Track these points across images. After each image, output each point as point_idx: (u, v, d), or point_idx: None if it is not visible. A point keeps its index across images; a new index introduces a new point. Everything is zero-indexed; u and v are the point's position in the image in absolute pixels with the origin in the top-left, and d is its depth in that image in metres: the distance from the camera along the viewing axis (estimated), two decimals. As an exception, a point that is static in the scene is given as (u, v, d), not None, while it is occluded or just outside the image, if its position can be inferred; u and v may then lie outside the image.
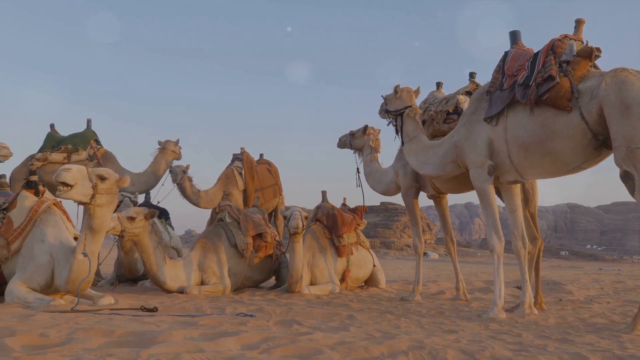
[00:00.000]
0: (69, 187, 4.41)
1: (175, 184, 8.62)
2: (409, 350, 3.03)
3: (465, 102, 6.17)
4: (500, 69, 5.24)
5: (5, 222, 4.97)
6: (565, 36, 4.93)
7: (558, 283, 9.66)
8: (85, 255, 4.62)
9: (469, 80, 6.55)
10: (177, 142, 8.84)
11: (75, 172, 4.45)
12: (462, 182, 6.03)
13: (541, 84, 4.71)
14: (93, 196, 4.53)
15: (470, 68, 7.47)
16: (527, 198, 5.96)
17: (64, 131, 8.76)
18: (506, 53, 5.31)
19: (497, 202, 5.51)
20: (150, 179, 8.62)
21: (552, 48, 4.84)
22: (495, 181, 5.35)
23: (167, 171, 8.68)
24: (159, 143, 8.81)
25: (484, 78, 6.52)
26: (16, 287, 4.71)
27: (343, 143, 7.72)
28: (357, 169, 7.57)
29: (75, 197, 4.49)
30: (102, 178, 4.55)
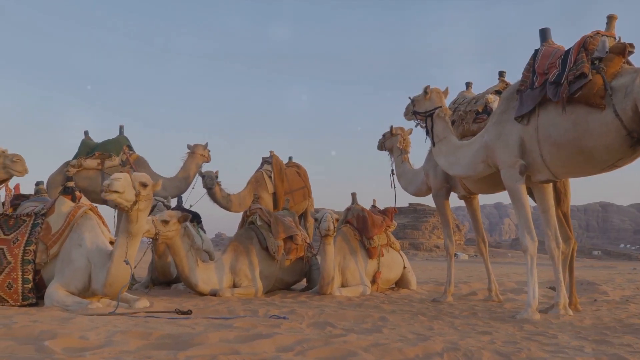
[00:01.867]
0: (118, 193, 4.58)
1: (206, 189, 8.73)
2: (444, 351, 3.03)
3: (494, 101, 6.11)
4: (531, 67, 5.17)
5: (44, 228, 5.09)
6: (597, 32, 4.85)
7: (592, 283, 9.49)
8: (127, 262, 4.75)
9: (499, 79, 6.50)
10: (205, 146, 8.95)
11: (124, 182, 4.62)
12: (493, 182, 5.97)
13: (573, 82, 4.64)
14: (135, 202, 4.66)
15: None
16: (560, 197, 5.88)
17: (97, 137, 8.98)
18: (536, 51, 5.24)
19: (529, 201, 5.45)
20: (181, 183, 8.76)
21: (584, 45, 4.77)
22: (527, 181, 5.29)
23: (197, 175, 8.80)
24: (189, 147, 8.94)
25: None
26: (55, 291, 4.83)
27: (379, 145, 7.79)
28: (392, 170, 7.57)
29: (122, 202, 4.64)
30: (144, 185, 4.67)
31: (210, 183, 8.70)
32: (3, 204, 5.24)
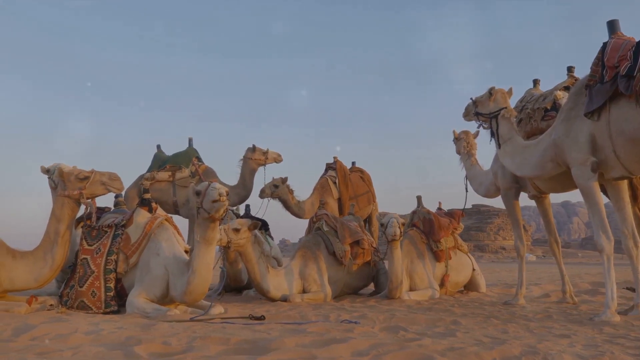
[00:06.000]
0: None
1: (276, 197, 8.89)
2: (522, 355, 2.98)
3: (563, 98, 5.95)
4: (599, 61, 5.01)
5: (124, 238, 5.35)
6: (671, 22, 4.67)
7: (673, 283, 9.05)
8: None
9: (567, 74, 6.32)
10: (253, 149, 9.02)
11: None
12: (566, 181, 5.80)
13: (647, 74, 4.48)
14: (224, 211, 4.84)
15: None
16: (636, 194, 5.65)
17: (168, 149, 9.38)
18: (605, 44, 5.08)
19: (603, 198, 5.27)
20: (241, 190, 8.96)
21: (657, 35, 4.60)
22: (600, 178, 5.12)
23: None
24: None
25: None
26: (136, 299, 5.05)
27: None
28: (466, 175, 7.50)
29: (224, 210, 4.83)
30: (227, 194, 4.84)
31: (261, 195, 8.85)
32: (90, 215, 5.54)
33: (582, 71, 5.64)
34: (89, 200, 5.27)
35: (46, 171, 6.28)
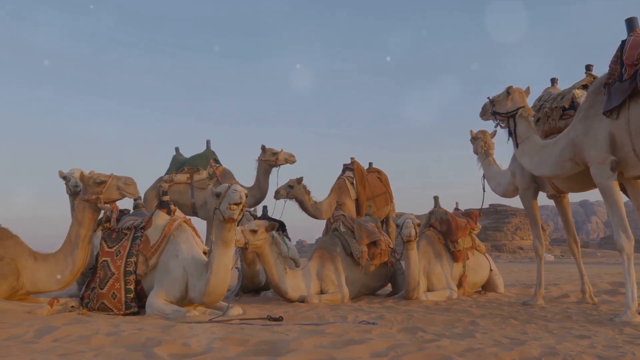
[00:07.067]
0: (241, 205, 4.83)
1: (293, 198, 8.92)
2: (542, 356, 2.97)
3: (582, 96, 5.90)
4: (618, 59, 4.96)
5: (143, 240, 5.39)
6: (691, 19, 4.62)
7: (695, 283, 8.92)
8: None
9: (586, 72, 6.27)
10: (263, 149, 9.07)
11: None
12: (584, 180, 5.76)
13: (667, 71, 4.44)
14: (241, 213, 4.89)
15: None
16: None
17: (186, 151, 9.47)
18: (623, 42, 5.03)
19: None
20: (256, 192, 9.03)
21: (677, 32, 4.55)
22: (619, 177, 5.08)
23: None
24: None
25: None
26: (155, 300, 5.09)
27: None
28: (483, 175, 7.47)
29: (240, 212, 4.90)
30: (246, 195, 4.88)
31: (276, 196, 8.88)
32: (110, 218, 5.62)
33: (600, 69, 5.59)
34: (107, 205, 5.34)
35: (63, 177, 6.39)
